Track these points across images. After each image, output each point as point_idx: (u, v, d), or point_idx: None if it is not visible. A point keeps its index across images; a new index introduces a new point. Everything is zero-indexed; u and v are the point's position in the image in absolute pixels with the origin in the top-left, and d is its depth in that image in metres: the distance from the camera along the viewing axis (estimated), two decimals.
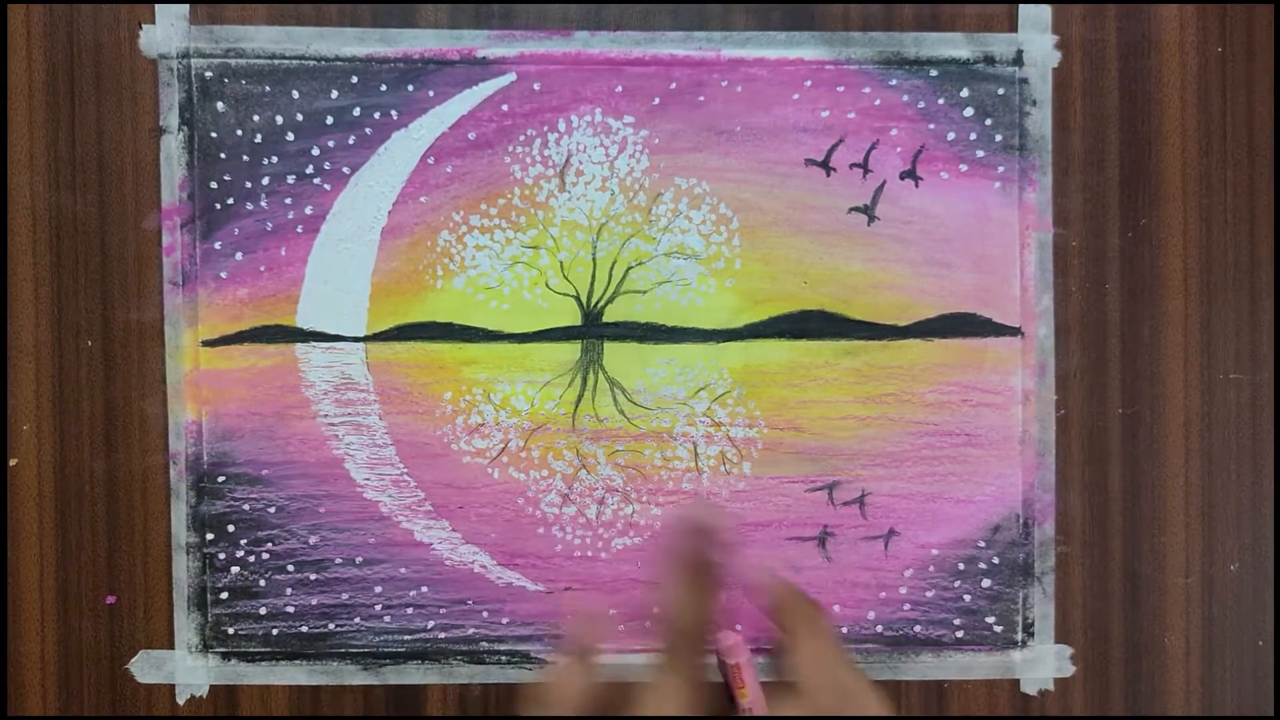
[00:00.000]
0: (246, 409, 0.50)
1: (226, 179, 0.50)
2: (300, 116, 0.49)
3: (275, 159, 0.50)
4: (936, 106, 0.50)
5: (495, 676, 0.50)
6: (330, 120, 0.49)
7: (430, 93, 0.49)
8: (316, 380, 0.50)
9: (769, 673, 0.50)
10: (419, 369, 0.50)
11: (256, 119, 0.49)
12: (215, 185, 0.50)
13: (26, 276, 0.49)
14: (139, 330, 0.50)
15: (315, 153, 0.50)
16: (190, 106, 0.49)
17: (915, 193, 0.50)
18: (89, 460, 0.50)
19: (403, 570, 0.50)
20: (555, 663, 0.37)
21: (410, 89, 0.49)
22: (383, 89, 0.49)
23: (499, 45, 0.49)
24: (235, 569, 0.50)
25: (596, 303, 0.50)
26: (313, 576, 0.50)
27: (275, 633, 0.50)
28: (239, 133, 0.49)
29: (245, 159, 0.50)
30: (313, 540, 0.50)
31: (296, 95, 0.49)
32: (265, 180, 0.50)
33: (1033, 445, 0.50)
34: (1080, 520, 0.51)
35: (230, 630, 0.50)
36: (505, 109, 0.50)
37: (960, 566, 0.50)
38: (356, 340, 0.50)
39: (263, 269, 0.50)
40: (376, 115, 0.50)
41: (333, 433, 0.50)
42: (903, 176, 0.50)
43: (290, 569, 0.50)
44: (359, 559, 0.50)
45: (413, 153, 0.50)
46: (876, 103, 0.50)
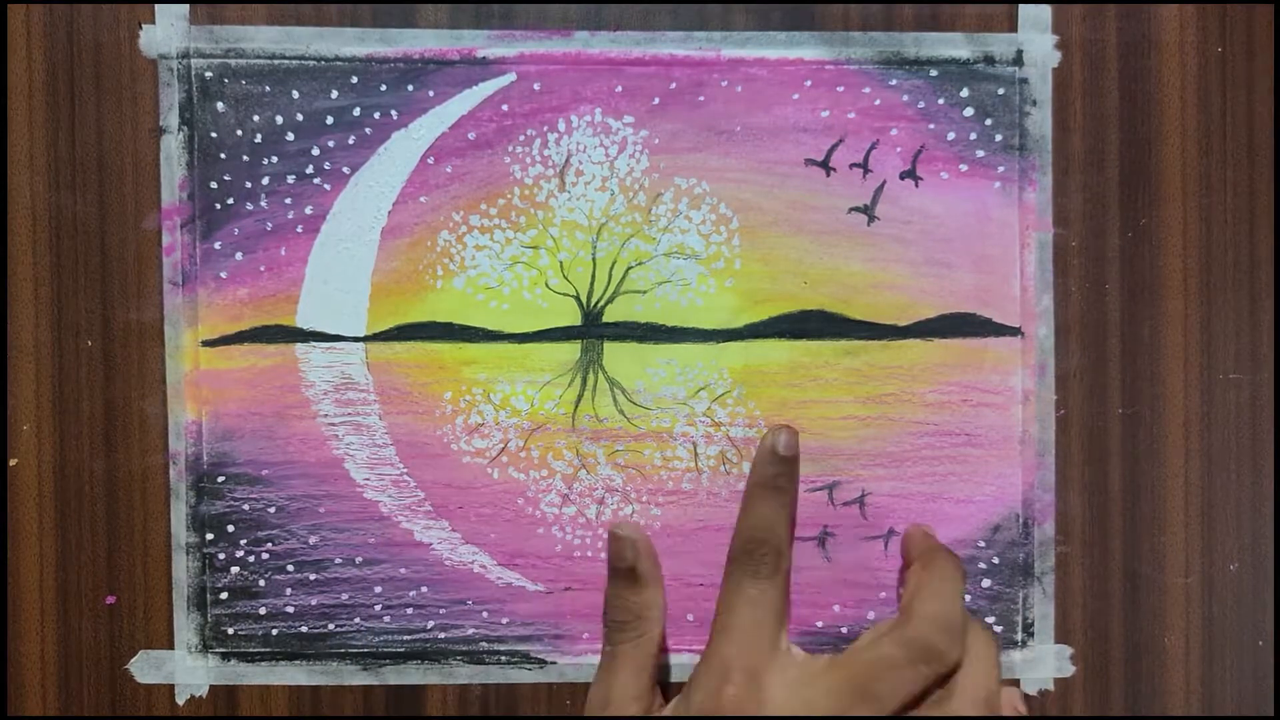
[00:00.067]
0: (246, 409, 0.50)
1: (226, 179, 0.50)
2: (300, 116, 0.49)
3: (275, 159, 0.50)
4: (936, 106, 0.50)
5: (495, 677, 0.50)
6: (330, 120, 0.49)
7: (430, 93, 0.49)
8: (316, 380, 0.50)
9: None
10: (419, 369, 0.50)
11: (256, 119, 0.49)
12: (215, 185, 0.50)
13: (26, 276, 0.49)
14: (139, 330, 0.50)
15: (315, 153, 0.50)
16: (190, 106, 0.49)
17: (915, 193, 0.50)
18: (89, 460, 0.50)
19: (402, 570, 0.50)
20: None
21: (410, 89, 0.49)
22: (383, 89, 0.49)
23: (499, 45, 0.49)
24: (235, 569, 0.50)
25: (596, 303, 0.50)
26: (312, 576, 0.50)
27: (275, 633, 0.50)
28: (239, 133, 0.49)
29: (245, 159, 0.50)
30: (312, 540, 0.50)
31: (296, 95, 0.49)
32: (265, 180, 0.50)
33: (1033, 445, 0.50)
34: (1080, 520, 0.51)
35: (230, 630, 0.50)
36: (505, 109, 0.50)
37: None
38: (356, 340, 0.50)
39: (263, 269, 0.50)
40: (376, 115, 0.50)
41: (333, 433, 0.50)
42: (903, 176, 0.50)
43: (290, 569, 0.50)
44: (359, 559, 0.50)
45: (413, 153, 0.50)
46: (876, 103, 0.50)
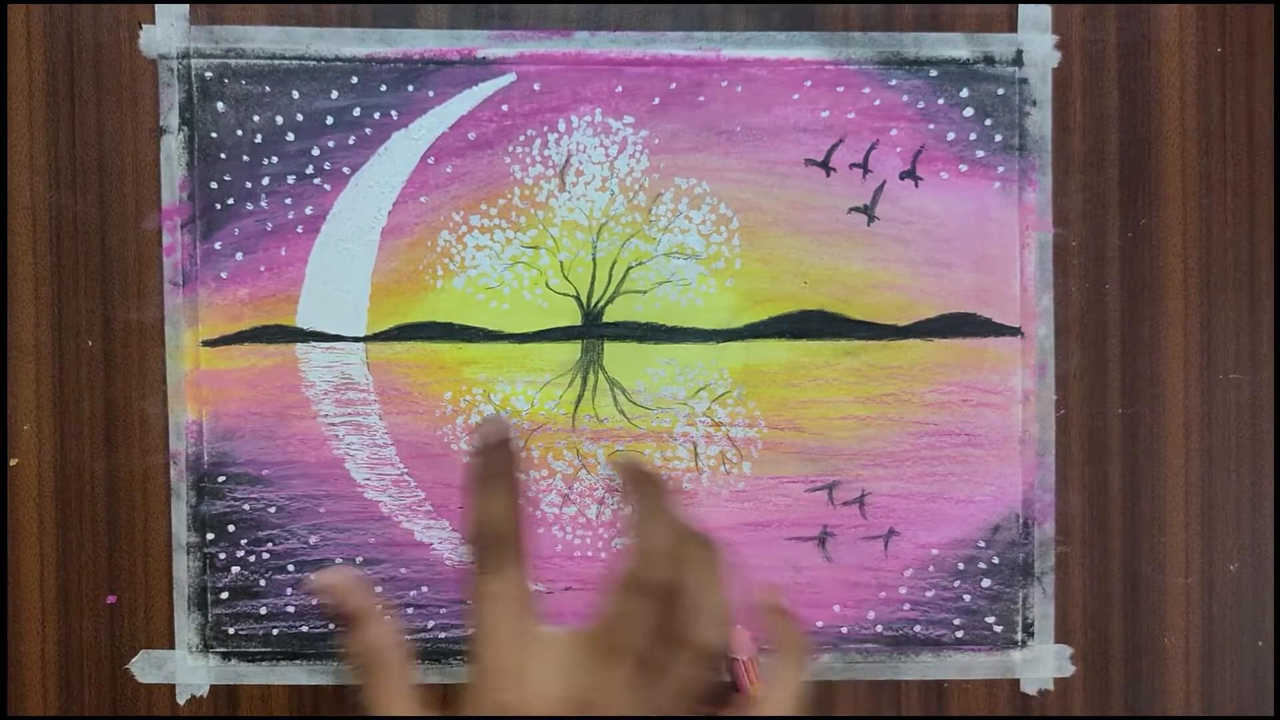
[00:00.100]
0: (247, 409, 0.50)
1: (226, 179, 0.50)
2: (300, 117, 0.49)
3: (275, 159, 0.50)
4: (936, 106, 0.50)
5: None
6: (330, 120, 0.49)
7: (430, 93, 0.49)
8: (317, 380, 0.50)
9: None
10: (419, 369, 0.50)
11: (256, 119, 0.49)
12: (215, 185, 0.50)
13: (27, 276, 0.49)
14: (139, 330, 0.50)
15: (315, 153, 0.50)
16: (190, 107, 0.49)
17: (915, 193, 0.50)
18: (89, 460, 0.50)
19: (403, 570, 0.50)
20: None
21: (410, 89, 0.49)
22: (383, 89, 0.49)
23: (499, 45, 0.49)
24: (236, 569, 0.50)
25: (596, 303, 0.50)
26: (313, 576, 0.50)
27: (275, 633, 0.50)
28: (239, 133, 0.49)
29: (245, 159, 0.50)
30: (313, 540, 0.50)
31: (296, 95, 0.49)
32: (265, 180, 0.50)
33: (1033, 445, 0.50)
34: (1080, 520, 0.51)
35: (231, 630, 0.50)
36: (505, 109, 0.50)
37: (960, 566, 0.50)
38: (356, 340, 0.50)
39: (263, 269, 0.50)
40: (376, 115, 0.50)
41: (333, 433, 0.50)
42: (903, 176, 0.50)
43: (290, 569, 0.50)
44: (359, 559, 0.50)
45: (413, 153, 0.50)
46: (876, 103, 0.50)
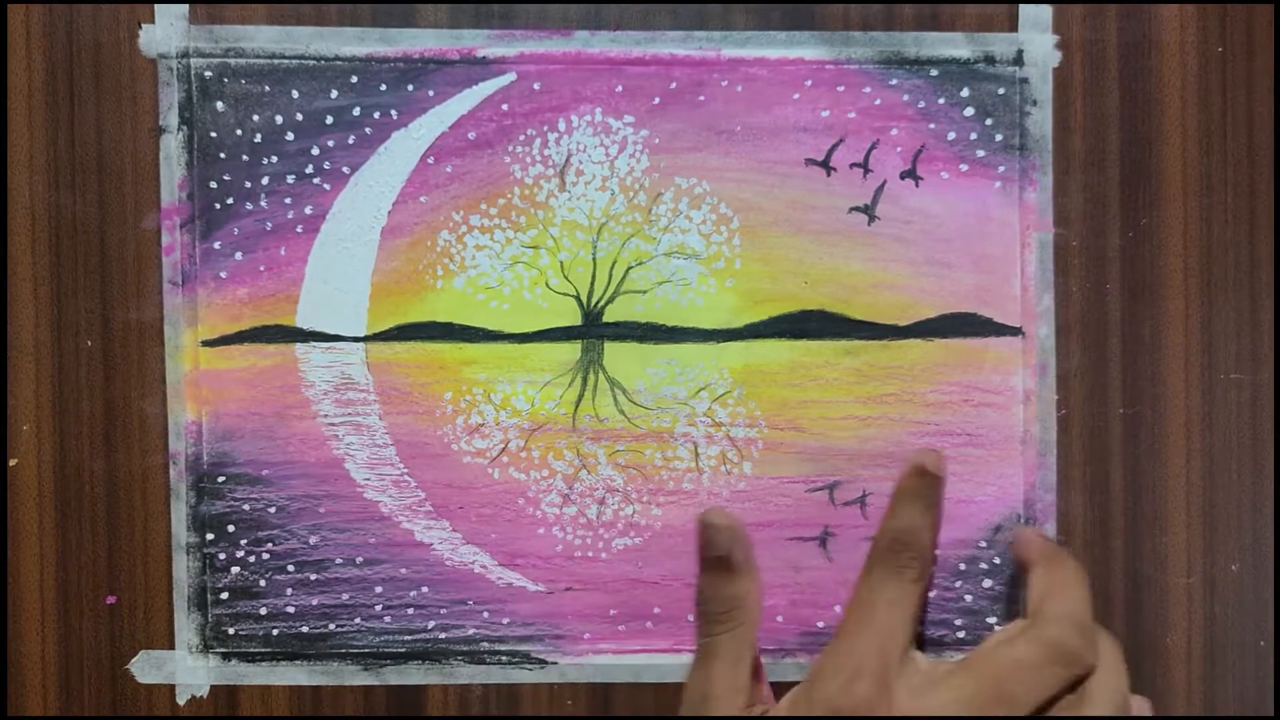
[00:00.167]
0: (246, 409, 0.50)
1: (226, 179, 0.49)
2: (300, 116, 0.49)
3: (275, 159, 0.50)
4: (937, 106, 0.50)
5: (496, 677, 0.50)
6: (330, 120, 0.49)
7: (430, 92, 0.49)
8: (316, 380, 0.50)
9: (774, 672, 0.50)
10: (419, 369, 0.50)
11: (256, 119, 0.49)
12: (215, 185, 0.50)
13: (26, 276, 0.49)
14: (139, 330, 0.50)
15: (315, 152, 0.50)
16: (190, 106, 0.49)
17: (915, 192, 0.50)
18: (89, 460, 0.50)
19: (403, 570, 0.50)
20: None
21: (410, 89, 0.49)
22: (382, 89, 0.49)
23: (499, 45, 0.49)
24: (235, 569, 0.50)
25: (597, 303, 0.50)
26: (313, 577, 0.50)
27: (276, 633, 0.50)
28: (239, 132, 0.49)
29: (245, 159, 0.49)
30: (313, 540, 0.50)
31: (296, 95, 0.49)
32: (265, 180, 0.50)
33: (1034, 445, 0.50)
34: (1081, 520, 0.51)
35: (231, 630, 0.50)
36: (505, 109, 0.50)
37: (961, 566, 0.50)
38: (356, 340, 0.50)
39: (262, 269, 0.50)
40: (376, 115, 0.50)
41: (333, 433, 0.50)
42: (903, 176, 0.50)
43: (290, 569, 0.50)
44: (359, 559, 0.50)
45: (413, 152, 0.50)
46: (877, 102, 0.50)
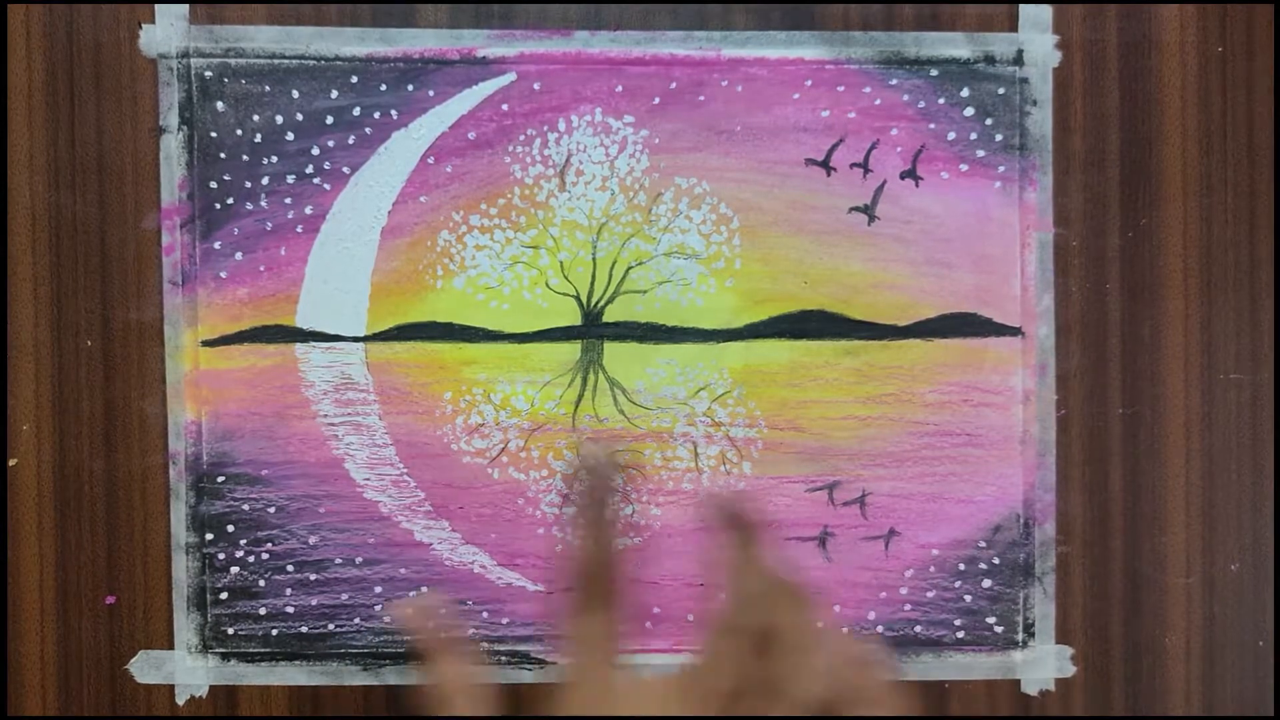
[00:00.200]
0: (246, 409, 0.50)
1: (226, 179, 0.49)
2: (300, 116, 0.49)
3: (275, 159, 0.50)
4: (937, 106, 0.50)
5: (495, 677, 0.50)
6: (330, 120, 0.49)
7: (430, 92, 0.49)
8: (316, 380, 0.50)
9: None
10: (419, 369, 0.50)
11: (256, 119, 0.49)
12: (215, 185, 0.50)
13: (26, 276, 0.49)
14: (139, 330, 0.50)
15: (315, 152, 0.50)
16: (190, 106, 0.49)
17: (915, 192, 0.50)
18: (89, 460, 0.50)
19: (403, 570, 0.50)
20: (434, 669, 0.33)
21: (410, 89, 0.49)
22: (383, 89, 0.49)
23: (499, 45, 0.49)
24: (235, 569, 0.50)
25: (597, 303, 0.50)
26: (312, 577, 0.50)
27: (275, 633, 0.50)
28: (239, 132, 0.49)
29: (245, 159, 0.49)
30: (312, 540, 0.50)
31: (296, 95, 0.49)
32: (265, 180, 0.50)
33: (1033, 445, 0.50)
34: (1081, 520, 0.51)
35: (230, 630, 0.50)
36: (505, 109, 0.50)
37: (961, 567, 0.50)
38: (356, 340, 0.50)
39: (262, 269, 0.50)
40: (376, 115, 0.50)
41: (332, 433, 0.50)
42: (903, 176, 0.50)
43: (290, 569, 0.50)
44: (359, 559, 0.50)
45: (413, 152, 0.50)
46: (877, 102, 0.50)
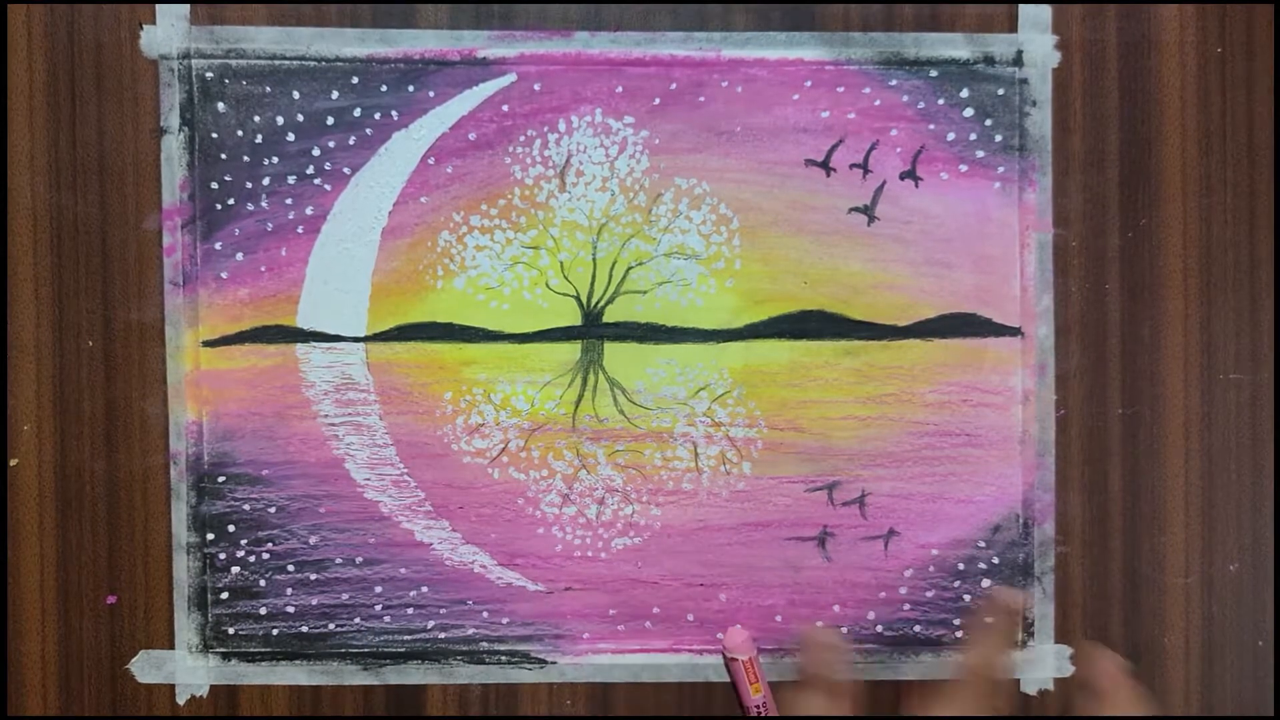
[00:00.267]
0: (247, 409, 0.50)
1: (227, 179, 0.50)
2: (301, 117, 0.49)
3: (275, 159, 0.50)
4: (936, 107, 0.50)
5: (495, 677, 0.50)
6: (331, 120, 0.50)
7: (430, 93, 0.49)
8: (317, 380, 0.50)
9: (774, 671, 0.50)
10: (419, 369, 0.50)
11: (257, 119, 0.49)
12: (216, 186, 0.50)
13: (27, 276, 0.50)
14: (139, 330, 0.50)
15: (316, 153, 0.50)
16: (191, 107, 0.49)
17: (915, 193, 0.50)
18: (89, 460, 0.50)
19: (403, 570, 0.50)
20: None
21: (410, 89, 0.49)
22: (383, 89, 0.49)
23: (499, 46, 0.49)
24: (235, 569, 0.50)
25: (597, 303, 0.50)
26: (313, 576, 0.50)
27: (275, 633, 0.50)
28: (239, 133, 0.49)
29: (246, 159, 0.50)
30: (313, 540, 0.50)
31: (297, 96, 0.49)
32: (266, 180, 0.50)
33: (1033, 445, 0.50)
34: (1080, 520, 0.51)
35: (230, 630, 0.50)
36: (505, 109, 0.50)
37: (960, 567, 0.50)
38: (357, 340, 0.50)
39: (263, 269, 0.50)
40: (377, 115, 0.50)
41: (333, 433, 0.50)
42: (903, 177, 0.50)
43: (290, 569, 0.50)
44: (359, 559, 0.50)
45: (413, 153, 0.50)
46: (876, 103, 0.50)
